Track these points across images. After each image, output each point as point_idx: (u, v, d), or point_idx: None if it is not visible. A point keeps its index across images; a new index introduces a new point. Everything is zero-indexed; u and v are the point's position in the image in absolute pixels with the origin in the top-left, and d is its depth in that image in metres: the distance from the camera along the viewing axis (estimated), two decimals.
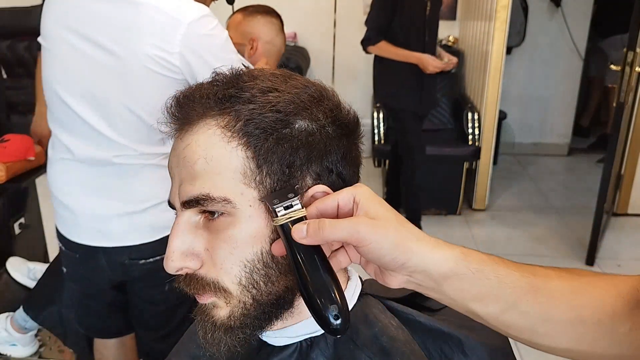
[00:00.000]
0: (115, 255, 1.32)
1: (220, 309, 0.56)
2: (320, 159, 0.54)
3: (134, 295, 1.43)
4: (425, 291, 0.52)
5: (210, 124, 0.54)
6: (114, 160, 1.25)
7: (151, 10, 1.16)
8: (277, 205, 0.50)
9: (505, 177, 3.99)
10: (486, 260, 0.50)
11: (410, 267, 0.49)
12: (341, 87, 4.17)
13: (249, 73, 0.57)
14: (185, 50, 1.17)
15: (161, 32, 1.16)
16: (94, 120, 1.24)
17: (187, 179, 0.54)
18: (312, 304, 0.48)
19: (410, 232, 0.50)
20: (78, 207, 1.31)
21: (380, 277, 0.53)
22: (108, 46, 1.18)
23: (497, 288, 0.49)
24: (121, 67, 1.19)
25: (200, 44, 1.19)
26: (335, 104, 0.57)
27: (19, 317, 1.85)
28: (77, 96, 1.23)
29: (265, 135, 0.52)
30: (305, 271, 0.49)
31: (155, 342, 1.49)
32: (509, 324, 0.51)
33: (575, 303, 0.50)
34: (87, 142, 1.26)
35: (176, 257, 0.55)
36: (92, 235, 1.32)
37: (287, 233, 0.50)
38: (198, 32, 1.19)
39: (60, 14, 1.22)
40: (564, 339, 0.50)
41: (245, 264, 0.54)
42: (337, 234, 0.48)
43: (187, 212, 0.55)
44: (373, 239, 0.48)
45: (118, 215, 1.29)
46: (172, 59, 1.17)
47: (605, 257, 2.92)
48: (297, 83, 0.57)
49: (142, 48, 1.16)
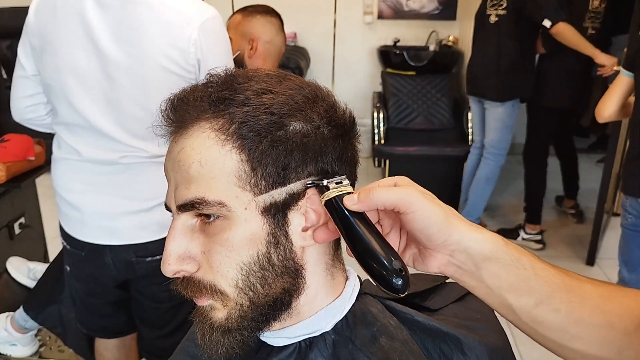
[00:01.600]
0: (122, 253, 1.33)
1: (217, 311, 0.56)
2: (316, 160, 0.54)
3: (138, 293, 1.44)
4: (463, 277, 0.52)
5: (205, 127, 0.53)
6: (121, 161, 1.26)
7: (162, 9, 1.18)
8: (329, 181, 0.53)
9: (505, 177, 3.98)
10: (523, 251, 0.52)
11: (452, 244, 0.50)
12: (341, 87, 4.18)
13: (243, 74, 0.57)
14: (199, 49, 1.20)
15: (174, 31, 1.18)
16: (103, 123, 1.24)
17: (183, 182, 0.54)
18: (372, 267, 0.49)
19: (453, 212, 0.52)
20: (85, 206, 1.31)
21: (419, 261, 0.54)
22: (121, 47, 1.18)
23: (533, 280, 0.50)
24: (136, 67, 1.19)
25: (213, 43, 1.22)
26: (330, 104, 0.57)
27: (19, 317, 1.85)
28: (88, 100, 1.23)
29: (259, 138, 0.52)
30: (361, 236, 0.50)
31: (158, 340, 1.49)
32: (541, 320, 0.51)
33: (605, 308, 0.50)
34: (95, 145, 1.27)
35: (173, 261, 0.55)
36: (99, 234, 1.32)
37: (337, 206, 0.51)
38: (212, 31, 1.21)
39: (68, 18, 1.21)
40: (593, 344, 0.50)
41: (241, 267, 0.54)
42: (389, 197, 0.50)
43: (183, 216, 0.55)
44: (421, 206, 0.50)
45: (125, 214, 1.29)
46: (189, 58, 1.19)
47: (605, 257, 2.92)
48: (292, 84, 0.56)
49: (155, 47, 1.17)
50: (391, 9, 4.14)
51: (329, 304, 0.60)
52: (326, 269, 0.60)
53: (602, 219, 2.84)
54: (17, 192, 2.03)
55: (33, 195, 2.22)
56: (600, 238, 2.87)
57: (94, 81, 1.22)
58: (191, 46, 1.19)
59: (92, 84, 1.22)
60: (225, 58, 1.28)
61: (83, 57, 1.21)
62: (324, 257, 0.59)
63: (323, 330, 0.60)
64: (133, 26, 1.18)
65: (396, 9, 4.13)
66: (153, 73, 1.19)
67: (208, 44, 1.21)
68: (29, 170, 1.90)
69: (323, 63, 4.23)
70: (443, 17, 4.11)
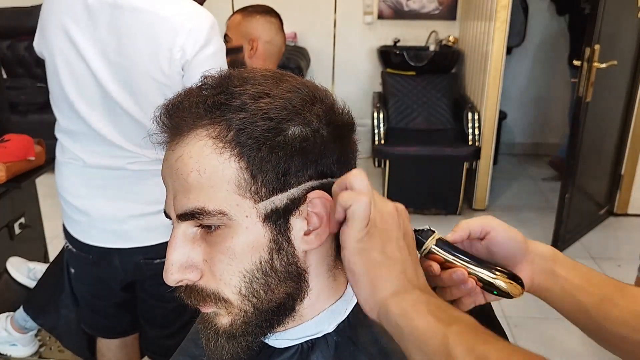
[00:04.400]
0: (131, 255, 1.33)
1: (222, 317, 0.56)
2: (316, 163, 0.54)
3: (144, 292, 1.44)
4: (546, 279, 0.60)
5: (202, 135, 0.52)
6: (128, 167, 1.26)
7: (149, 16, 1.16)
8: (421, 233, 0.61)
9: (505, 177, 3.98)
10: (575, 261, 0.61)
11: (531, 252, 0.60)
12: (341, 87, 4.18)
13: (238, 75, 0.56)
14: (184, 54, 1.17)
15: (161, 39, 1.16)
16: (108, 131, 1.24)
17: (181, 191, 0.53)
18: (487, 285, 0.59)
19: None
20: (92, 210, 1.31)
21: None
22: (109, 58, 1.18)
23: (592, 280, 0.59)
24: (126, 77, 1.18)
25: (199, 49, 1.18)
26: (328, 105, 0.56)
27: (19, 317, 1.84)
28: (88, 108, 1.23)
29: (258, 145, 0.51)
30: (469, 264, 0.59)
31: (163, 339, 1.50)
32: (605, 314, 0.57)
33: None
34: (99, 152, 1.27)
35: (175, 270, 0.54)
36: (107, 237, 1.32)
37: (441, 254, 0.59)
38: (199, 37, 1.18)
39: (66, 27, 1.20)
40: None
41: (244, 274, 0.54)
42: (475, 222, 0.61)
43: (184, 224, 0.55)
44: (501, 224, 0.61)
45: (133, 217, 1.29)
46: (174, 66, 1.17)
47: (605, 257, 2.92)
48: (289, 86, 0.55)
49: (144, 56, 1.16)
50: (391, 9, 4.13)
51: (330, 306, 0.60)
52: (328, 270, 0.59)
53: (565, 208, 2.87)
54: (17, 192, 2.03)
55: (33, 195, 2.22)
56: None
57: (91, 91, 1.22)
58: (176, 53, 1.16)
59: (90, 94, 1.22)
60: (215, 59, 1.22)
61: (77, 68, 1.21)
62: (327, 259, 0.59)
63: (325, 331, 0.60)
64: (121, 35, 1.16)
65: (396, 9, 4.13)
66: (143, 82, 1.18)
67: (193, 48, 1.17)
68: (29, 170, 1.90)
69: (323, 63, 4.23)
70: (443, 17, 4.10)
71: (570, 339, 2.24)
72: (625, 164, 3.32)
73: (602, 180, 3.29)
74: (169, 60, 1.16)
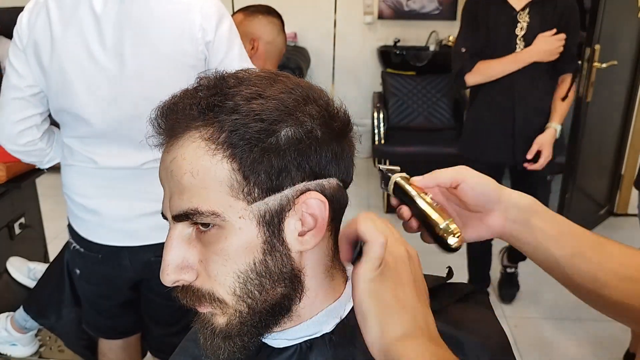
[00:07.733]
0: (141, 254, 1.33)
1: (218, 317, 0.57)
2: (310, 164, 0.54)
3: (151, 291, 1.44)
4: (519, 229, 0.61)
5: (195, 137, 0.53)
6: (142, 167, 1.26)
7: (161, 1, 1.17)
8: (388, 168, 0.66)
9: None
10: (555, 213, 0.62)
11: (504, 202, 0.62)
12: (341, 87, 4.18)
13: (234, 76, 0.56)
14: (205, 32, 1.19)
15: (178, 21, 1.17)
16: (126, 132, 1.23)
17: (176, 192, 0.54)
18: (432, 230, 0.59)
19: None
20: (102, 209, 1.31)
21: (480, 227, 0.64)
22: (132, 48, 1.17)
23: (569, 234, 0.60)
24: (145, 69, 1.18)
25: (216, 23, 1.21)
26: (323, 104, 0.56)
27: (19, 317, 1.84)
28: (101, 112, 1.22)
29: (250, 147, 0.51)
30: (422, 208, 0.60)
31: (168, 337, 1.50)
32: (576, 269, 0.59)
33: (628, 263, 0.58)
34: (114, 154, 1.26)
35: (171, 271, 0.55)
36: (117, 236, 1.32)
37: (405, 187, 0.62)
38: (214, 12, 1.21)
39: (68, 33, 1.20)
40: (619, 292, 0.57)
41: (238, 275, 0.54)
42: (447, 173, 0.62)
43: (179, 225, 0.55)
44: (475, 174, 0.62)
45: (144, 215, 1.29)
46: (198, 45, 1.19)
47: None
48: (283, 86, 0.55)
49: (163, 42, 1.17)
50: (391, 9, 4.13)
51: (329, 306, 0.60)
52: (325, 270, 0.59)
53: None
54: (17, 192, 2.02)
55: (33, 195, 2.22)
56: None
57: (106, 93, 1.21)
58: (198, 32, 1.18)
59: (106, 94, 1.21)
60: (232, 35, 1.25)
61: (93, 67, 1.19)
62: (324, 259, 0.59)
63: (323, 331, 0.60)
64: (133, 27, 1.17)
65: (396, 9, 4.13)
66: (164, 69, 1.18)
67: (211, 26, 1.20)
68: (29, 170, 1.90)
69: (323, 63, 4.23)
70: (443, 17, 4.10)
71: (570, 340, 2.24)
72: (625, 164, 3.32)
73: (602, 180, 3.29)
74: (190, 40, 1.18)
